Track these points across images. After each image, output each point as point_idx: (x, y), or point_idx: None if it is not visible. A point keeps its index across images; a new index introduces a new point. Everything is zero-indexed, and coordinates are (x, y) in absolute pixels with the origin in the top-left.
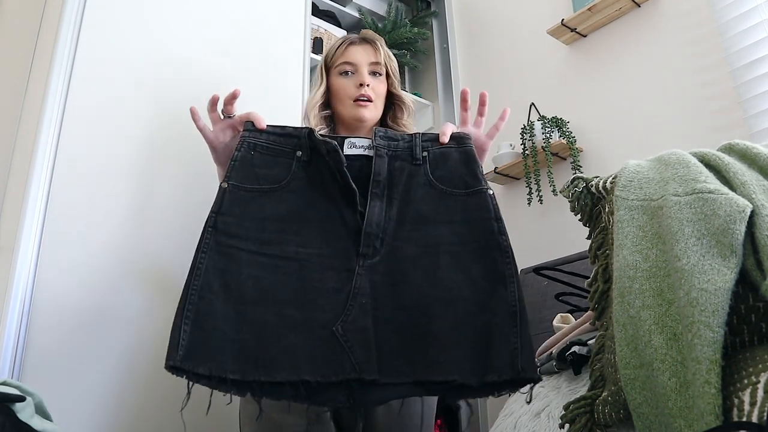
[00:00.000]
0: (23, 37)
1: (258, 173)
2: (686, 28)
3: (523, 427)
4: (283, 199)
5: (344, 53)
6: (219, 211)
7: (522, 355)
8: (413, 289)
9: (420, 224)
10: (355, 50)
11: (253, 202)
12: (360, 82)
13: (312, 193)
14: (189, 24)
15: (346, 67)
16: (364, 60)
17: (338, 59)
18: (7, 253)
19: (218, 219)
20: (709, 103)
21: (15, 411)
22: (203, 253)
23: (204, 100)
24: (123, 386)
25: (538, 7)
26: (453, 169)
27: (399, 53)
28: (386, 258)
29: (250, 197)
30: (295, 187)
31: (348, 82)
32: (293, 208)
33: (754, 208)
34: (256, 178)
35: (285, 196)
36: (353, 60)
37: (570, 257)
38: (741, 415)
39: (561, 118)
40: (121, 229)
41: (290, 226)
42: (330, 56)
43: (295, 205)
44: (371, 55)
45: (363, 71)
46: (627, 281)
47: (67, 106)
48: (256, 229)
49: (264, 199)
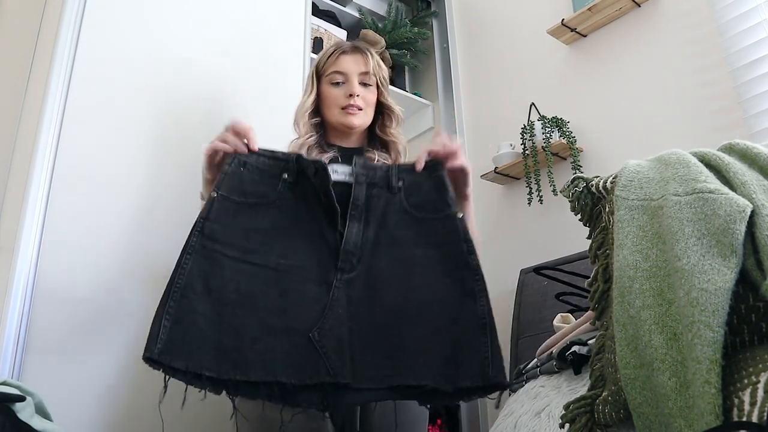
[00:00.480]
0: (23, 37)
1: (246, 188)
2: (686, 27)
3: (524, 427)
4: (268, 214)
5: (335, 62)
6: (207, 217)
7: (492, 365)
8: (387, 303)
9: (395, 246)
10: (346, 60)
11: (239, 213)
12: (350, 92)
13: (295, 211)
14: (189, 24)
15: (337, 77)
16: (354, 70)
17: (329, 68)
18: (7, 253)
19: (205, 224)
20: (709, 103)
21: (15, 411)
22: (188, 255)
23: (204, 99)
24: (123, 386)
25: (538, 7)
26: (426, 195)
27: (399, 53)
28: (363, 274)
29: (237, 208)
30: (280, 204)
31: (338, 92)
32: (277, 223)
33: (754, 208)
34: (244, 193)
35: (270, 211)
36: (344, 70)
37: (570, 257)
38: (741, 415)
39: (561, 118)
40: (121, 229)
41: (273, 239)
42: (321, 64)
43: (278, 220)
44: (361, 65)
45: (353, 81)
46: (627, 281)
47: (67, 107)
48: (240, 237)
49: (250, 211)
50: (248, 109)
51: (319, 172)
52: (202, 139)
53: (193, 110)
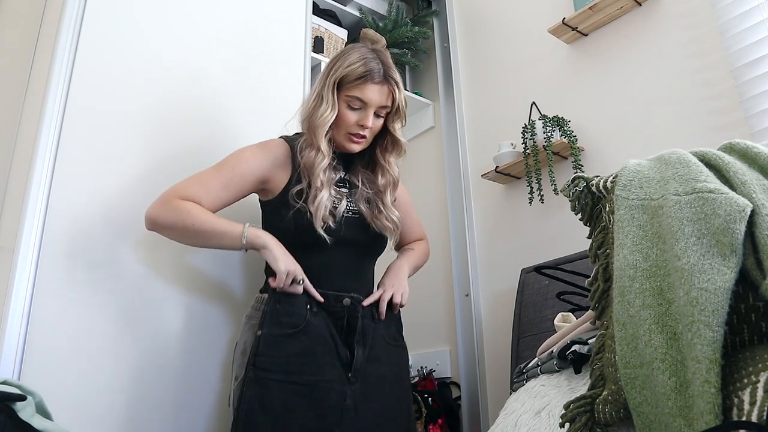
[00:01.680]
0: (24, 37)
1: (282, 321)
2: (687, 27)
3: (524, 426)
4: (300, 340)
5: (361, 89)
6: (256, 353)
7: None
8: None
9: (377, 362)
10: (373, 90)
11: (279, 344)
12: (362, 123)
13: (318, 335)
14: (189, 23)
15: (356, 103)
16: (377, 101)
17: (352, 91)
18: (7, 253)
19: (256, 359)
20: (710, 103)
21: (16, 410)
22: (247, 385)
23: (204, 98)
24: (122, 385)
25: (539, 6)
26: (389, 326)
27: (400, 52)
28: (361, 384)
29: (277, 340)
30: (308, 329)
31: (352, 116)
32: (307, 347)
33: (754, 208)
34: (280, 325)
35: (301, 337)
36: (367, 99)
37: (571, 256)
38: (741, 414)
39: (562, 117)
40: (121, 229)
41: (304, 359)
42: (345, 80)
43: (308, 344)
44: (387, 97)
45: (369, 113)
46: (627, 280)
47: (68, 107)
48: (282, 363)
49: (288, 340)
50: (249, 108)
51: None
52: (203, 138)
53: (193, 110)
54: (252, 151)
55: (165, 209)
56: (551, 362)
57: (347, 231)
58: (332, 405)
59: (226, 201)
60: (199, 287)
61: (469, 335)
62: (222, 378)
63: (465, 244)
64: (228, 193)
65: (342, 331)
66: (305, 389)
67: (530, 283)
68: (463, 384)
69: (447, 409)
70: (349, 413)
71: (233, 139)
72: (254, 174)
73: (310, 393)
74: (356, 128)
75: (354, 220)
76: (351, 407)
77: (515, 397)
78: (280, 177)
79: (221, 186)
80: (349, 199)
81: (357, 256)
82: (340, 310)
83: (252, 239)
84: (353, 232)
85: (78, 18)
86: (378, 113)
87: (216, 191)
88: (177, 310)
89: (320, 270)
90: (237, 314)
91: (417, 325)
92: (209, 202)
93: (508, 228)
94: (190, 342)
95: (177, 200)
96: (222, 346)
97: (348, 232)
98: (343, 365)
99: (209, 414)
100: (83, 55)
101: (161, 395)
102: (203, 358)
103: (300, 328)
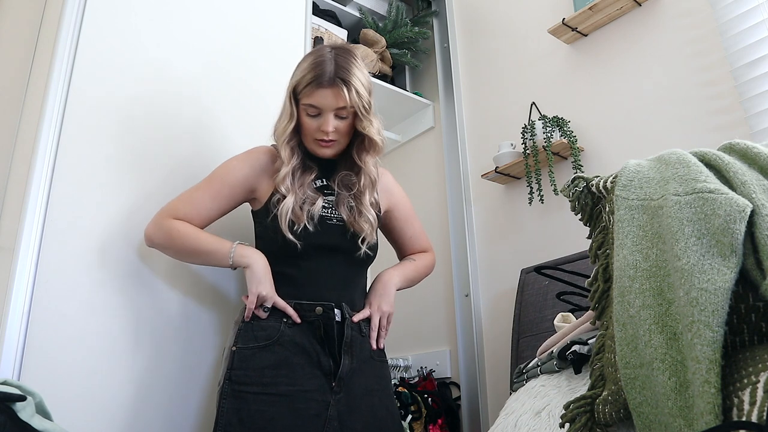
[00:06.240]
0: (24, 37)
1: (256, 334)
2: (687, 27)
3: (524, 426)
4: (274, 351)
5: (311, 95)
6: (231, 367)
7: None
8: (362, 418)
9: (361, 374)
10: (323, 95)
11: (253, 358)
12: (322, 129)
13: (296, 344)
14: (189, 24)
15: (311, 110)
16: (330, 105)
17: (305, 98)
18: (7, 253)
19: (231, 373)
20: (710, 103)
21: (16, 410)
22: (224, 399)
23: (203, 99)
24: (122, 385)
25: (538, 7)
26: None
27: (399, 52)
28: (346, 394)
29: (251, 353)
30: (282, 340)
31: (313, 123)
32: (282, 358)
33: (754, 208)
34: (255, 339)
35: (275, 349)
36: (318, 104)
37: (571, 257)
38: (741, 414)
39: (562, 117)
40: (121, 229)
41: (280, 371)
42: (298, 89)
43: (284, 355)
44: (339, 99)
45: (328, 117)
46: (627, 281)
47: (68, 107)
48: (257, 376)
49: (261, 353)
50: (249, 109)
51: (326, 322)
52: (204, 138)
53: (193, 109)
54: (238, 159)
55: (158, 231)
56: (551, 362)
57: (329, 237)
58: (312, 414)
59: (217, 213)
60: (197, 290)
61: (469, 335)
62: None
63: (465, 244)
64: (218, 204)
65: (322, 341)
66: (284, 399)
67: (530, 283)
68: (463, 384)
69: (447, 410)
70: (332, 423)
71: (233, 141)
72: (241, 183)
73: (288, 403)
74: (320, 134)
75: (338, 227)
76: (335, 417)
77: (515, 398)
78: (266, 185)
79: (211, 198)
80: (329, 204)
81: (344, 264)
82: (314, 320)
83: (237, 259)
84: (336, 238)
85: (78, 18)
86: (339, 115)
87: (206, 206)
88: (176, 311)
89: (302, 278)
90: (234, 317)
91: (417, 325)
92: (200, 219)
93: (508, 228)
94: (189, 343)
95: (168, 220)
96: (220, 348)
97: (330, 239)
98: (325, 374)
99: (209, 414)
100: (83, 55)
101: (161, 395)
102: (201, 359)
103: (274, 340)
